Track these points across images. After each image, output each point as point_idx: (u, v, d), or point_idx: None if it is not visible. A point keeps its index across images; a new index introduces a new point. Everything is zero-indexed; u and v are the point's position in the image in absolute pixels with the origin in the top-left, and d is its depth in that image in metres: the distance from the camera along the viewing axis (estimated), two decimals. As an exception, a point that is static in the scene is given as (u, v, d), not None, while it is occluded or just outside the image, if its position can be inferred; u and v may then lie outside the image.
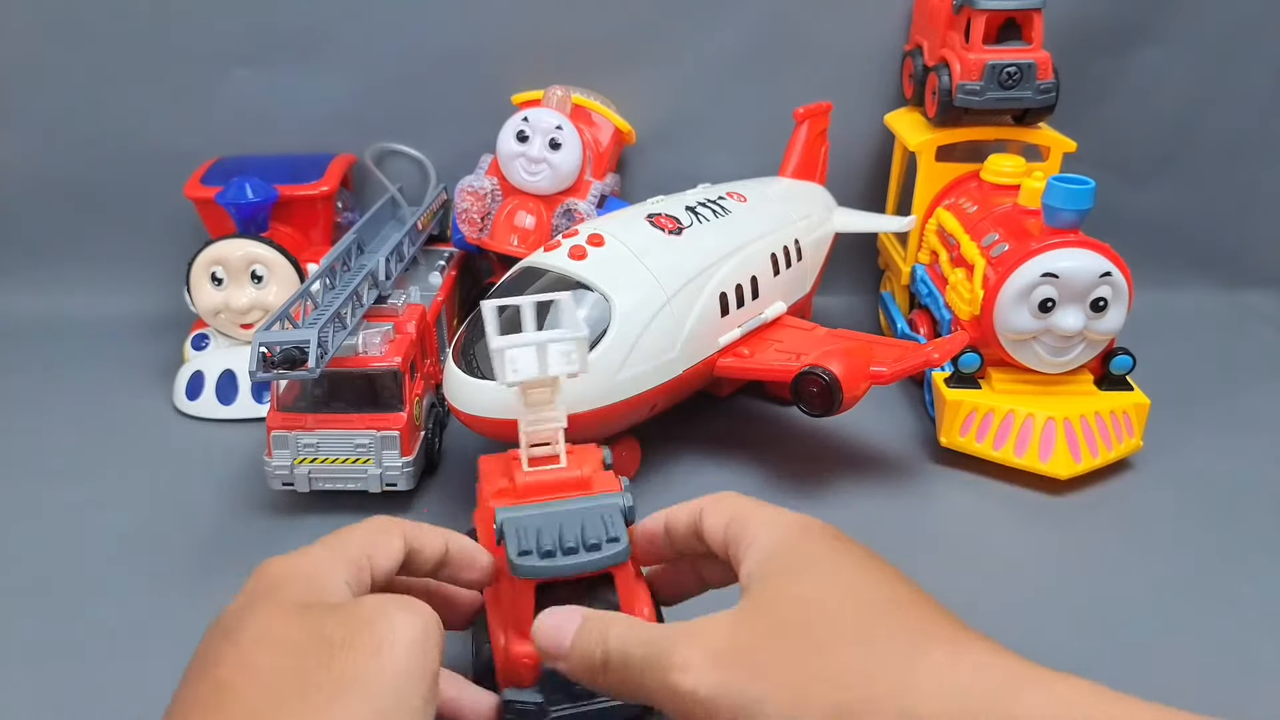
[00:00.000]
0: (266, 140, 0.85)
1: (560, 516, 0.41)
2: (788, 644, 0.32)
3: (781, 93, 0.83)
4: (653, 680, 0.34)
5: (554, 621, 0.37)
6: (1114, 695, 0.29)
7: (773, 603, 0.34)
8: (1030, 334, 0.64)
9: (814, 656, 0.32)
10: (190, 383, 0.74)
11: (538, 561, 0.39)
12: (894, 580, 0.35)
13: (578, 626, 0.37)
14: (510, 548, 0.40)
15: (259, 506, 0.62)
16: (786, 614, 0.33)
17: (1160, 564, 0.58)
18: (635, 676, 0.34)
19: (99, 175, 0.88)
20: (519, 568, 0.39)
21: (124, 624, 0.53)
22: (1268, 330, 0.88)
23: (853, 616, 0.33)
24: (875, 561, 0.36)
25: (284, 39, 0.84)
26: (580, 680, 0.37)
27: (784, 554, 0.36)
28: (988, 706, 0.30)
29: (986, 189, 0.74)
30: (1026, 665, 0.32)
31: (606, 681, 0.36)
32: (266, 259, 0.73)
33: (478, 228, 0.78)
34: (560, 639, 0.37)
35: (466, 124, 0.85)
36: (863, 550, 0.37)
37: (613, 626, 0.36)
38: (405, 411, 0.61)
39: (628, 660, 0.35)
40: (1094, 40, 0.85)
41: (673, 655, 0.33)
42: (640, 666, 0.34)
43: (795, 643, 0.32)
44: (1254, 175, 0.91)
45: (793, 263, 0.73)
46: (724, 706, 0.32)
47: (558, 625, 0.37)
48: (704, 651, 0.33)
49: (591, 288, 0.60)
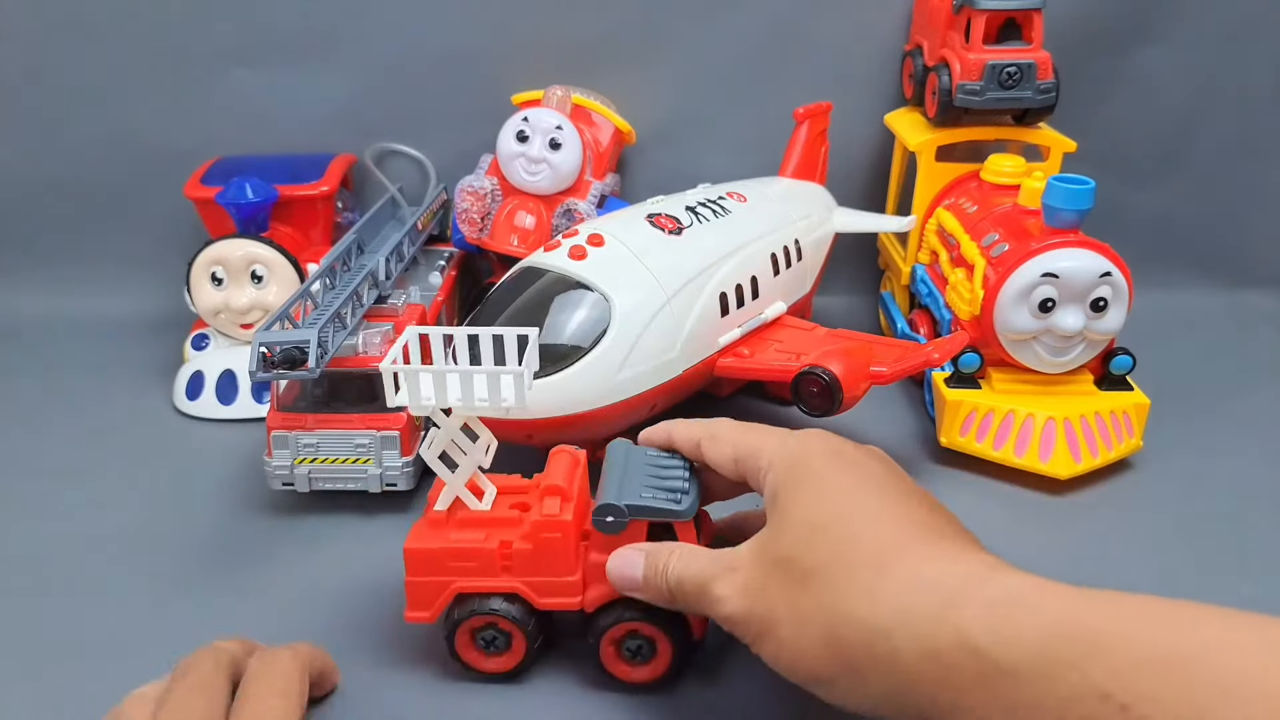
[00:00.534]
0: (266, 140, 0.85)
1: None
2: (788, 576, 0.38)
3: (781, 93, 0.83)
4: (703, 605, 0.41)
5: (623, 562, 0.45)
6: (1077, 590, 0.33)
7: (779, 534, 0.40)
8: (1030, 334, 0.64)
9: (805, 587, 0.38)
10: (190, 383, 0.74)
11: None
12: (884, 492, 0.40)
13: (644, 564, 0.44)
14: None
15: (259, 506, 0.62)
16: (787, 546, 0.39)
17: (1160, 564, 0.58)
18: (692, 602, 0.42)
19: (99, 175, 0.88)
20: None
21: (124, 624, 0.53)
22: (1268, 330, 0.88)
23: (835, 542, 0.38)
24: (870, 474, 0.41)
25: (284, 39, 0.84)
26: (656, 604, 0.44)
27: (788, 486, 0.41)
28: (949, 601, 0.34)
29: (986, 189, 0.74)
30: (997, 561, 0.36)
31: (674, 605, 0.43)
32: (266, 259, 0.73)
33: (478, 228, 0.78)
34: (633, 575, 0.44)
35: (466, 124, 0.85)
36: (861, 462, 0.42)
37: (671, 561, 0.43)
38: (405, 411, 0.61)
39: (685, 590, 0.42)
40: (1094, 40, 0.85)
41: (712, 589, 0.40)
42: (694, 594, 0.42)
43: (792, 574, 0.38)
44: (1254, 175, 0.91)
45: (793, 263, 0.73)
46: (752, 626, 0.39)
47: (630, 563, 0.44)
48: (732, 586, 0.40)
49: (591, 288, 0.60)
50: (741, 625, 0.40)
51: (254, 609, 0.54)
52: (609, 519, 0.45)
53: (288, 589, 0.56)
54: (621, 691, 0.48)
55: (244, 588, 0.56)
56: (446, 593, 0.47)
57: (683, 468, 0.48)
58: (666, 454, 0.49)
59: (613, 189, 0.81)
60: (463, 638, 0.48)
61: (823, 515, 0.39)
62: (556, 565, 0.46)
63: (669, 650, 0.47)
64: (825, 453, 0.42)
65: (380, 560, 0.58)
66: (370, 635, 0.52)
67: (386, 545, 0.59)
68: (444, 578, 0.46)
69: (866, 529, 0.38)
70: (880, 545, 0.37)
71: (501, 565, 0.46)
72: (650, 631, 0.46)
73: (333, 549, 0.59)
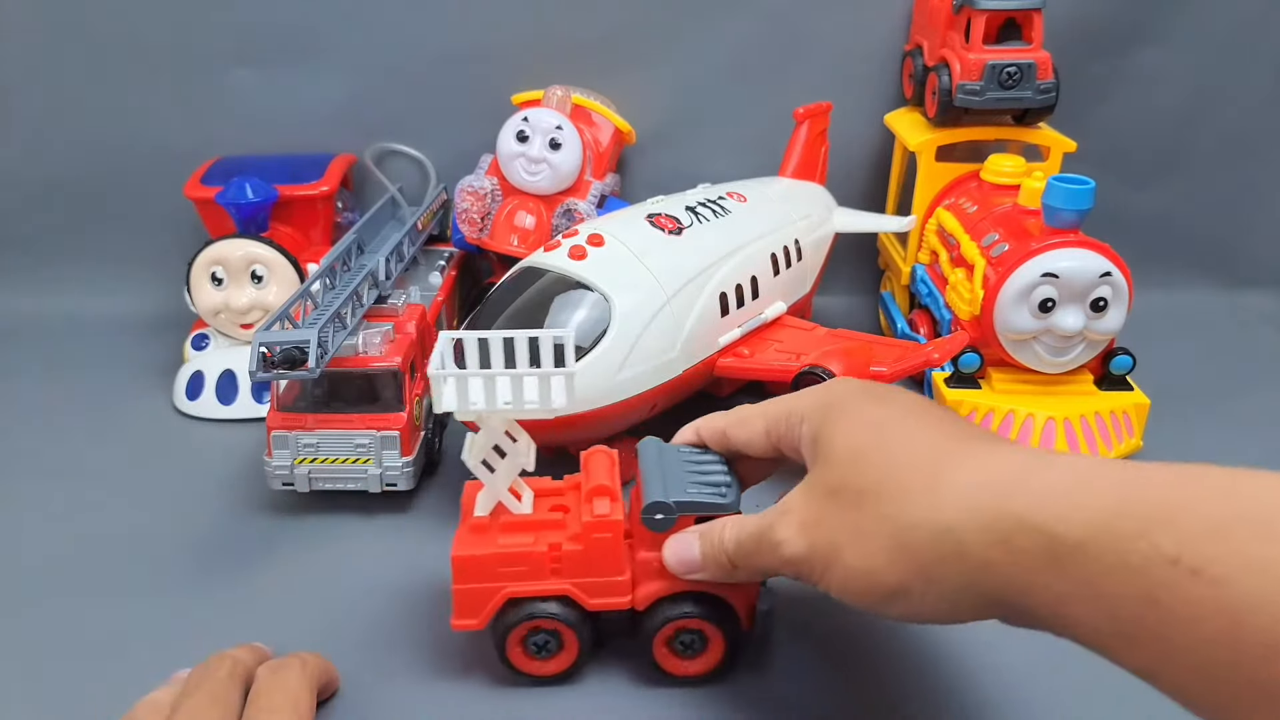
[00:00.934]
0: (266, 140, 0.85)
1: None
2: (843, 503, 0.39)
3: (781, 93, 0.83)
4: (766, 558, 0.42)
5: (679, 546, 0.46)
6: (1133, 465, 0.33)
7: (825, 469, 0.41)
8: (1030, 334, 0.64)
9: (861, 507, 0.38)
10: (190, 383, 0.74)
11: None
12: (922, 413, 0.41)
13: (699, 543, 0.45)
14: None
15: (259, 506, 0.62)
16: (837, 476, 0.40)
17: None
18: (755, 560, 0.43)
19: (99, 175, 0.88)
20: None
21: (124, 624, 0.53)
22: (1268, 330, 0.88)
23: (883, 460, 0.39)
24: (904, 402, 0.42)
25: (284, 39, 0.84)
26: (715, 579, 0.45)
27: (825, 426, 0.42)
28: (1007, 492, 0.34)
29: (986, 189, 0.74)
30: (1047, 450, 0.37)
31: (735, 574, 0.44)
32: (266, 259, 0.73)
33: (478, 228, 0.78)
34: (690, 558, 0.45)
35: (466, 124, 0.85)
36: (893, 394, 0.43)
37: (725, 531, 0.44)
38: (405, 411, 0.61)
39: (745, 548, 0.43)
40: (1094, 40, 0.85)
41: (774, 535, 0.41)
42: (754, 548, 0.42)
43: (846, 500, 0.39)
44: (1254, 175, 0.91)
45: (793, 263, 0.73)
46: (816, 561, 0.40)
47: (686, 545, 0.45)
48: (790, 527, 0.41)
49: (591, 288, 0.60)
50: (805, 563, 0.40)
51: (254, 609, 0.54)
52: (659, 516, 0.45)
53: (288, 589, 0.55)
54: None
55: (244, 588, 0.56)
56: (496, 598, 0.46)
57: (718, 461, 0.48)
58: (697, 450, 0.49)
59: (613, 189, 0.81)
60: (513, 643, 0.47)
61: (865, 440, 0.40)
62: (607, 565, 0.46)
63: (721, 642, 0.47)
64: (857, 391, 0.44)
65: (380, 560, 0.58)
66: (370, 636, 0.52)
67: (386, 545, 0.59)
68: (493, 584, 0.46)
69: (912, 442, 0.39)
70: (929, 453, 0.38)
71: (550, 568, 0.46)
72: (701, 625, 0.47)
73: (333, 549, 0.59)
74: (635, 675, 0.49)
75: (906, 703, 0.48)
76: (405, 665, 0.50)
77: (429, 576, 0.55)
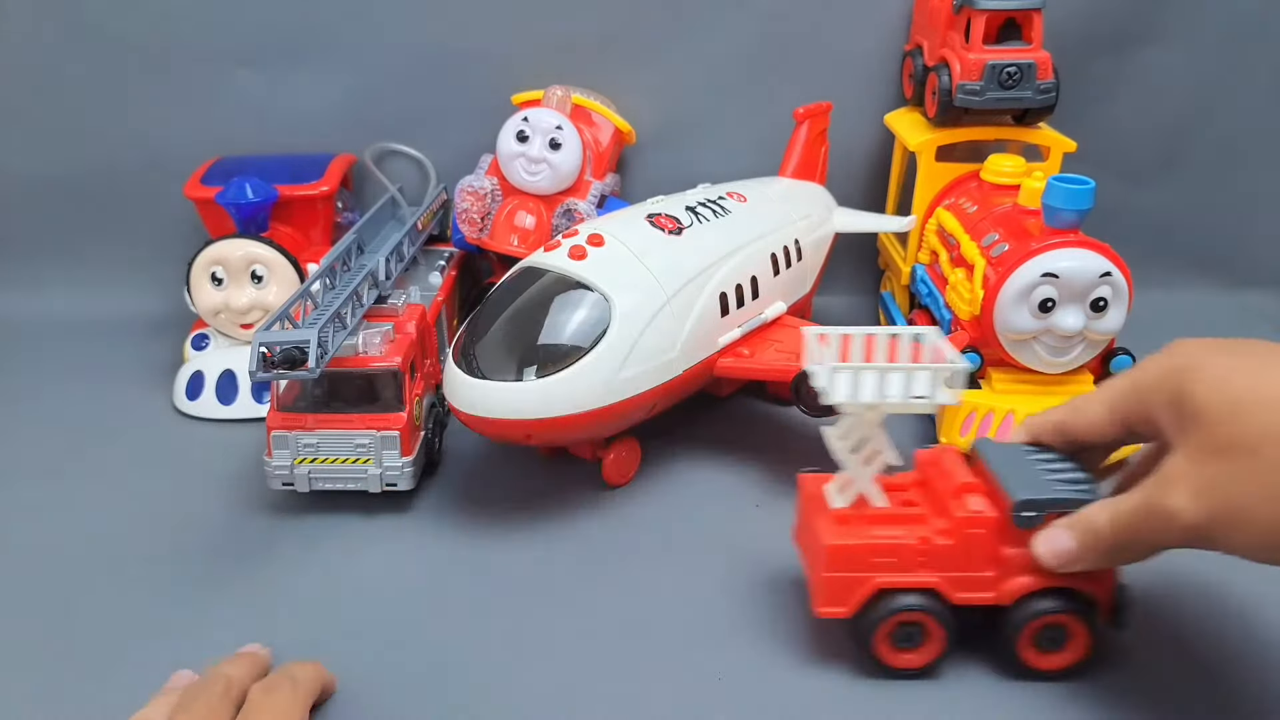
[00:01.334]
0: (266, 140, 0.86)
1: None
2: (1237, 458, 0.38)
3: (781, 93, 0.83)
4: (1158, 532, 0.41)
5: (1052, 539, 0.45)
6: None
7: (1205, 429, 0.39)
8: (1030, 334, 0.64)
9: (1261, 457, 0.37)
10: (190, 383, 0.74)
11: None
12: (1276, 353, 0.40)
13: (1071, 533, 0.44)
14: None
15: (259, 506, 0.62)
16: (1222, 433, 0.39)
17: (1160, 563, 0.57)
18: (1143, 536, 0.41)
19: (99, 175, 0.88)
20: None
21: (124, 624, 0.53)
22: (1268, 330, 0.88)
23: (1270, 405, 0.38)
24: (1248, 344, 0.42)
25: (284, 39, 0.84)
26: (1091, 567, 0.45)
27: (1185, 387, 0.41)
28: None
29: (986, 189, 0.74)
30: None
31: (1116, 557, 0.44)
32: (266, 259, 0.73)
33: (478, 228, 0.78)
34: (1065, 549, 0.44)
35: (466, 124, 0.85)
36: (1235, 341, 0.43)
37: (1097, 514, 0.43)
38: (405, 411, 0.61)
39: (1131, 529, 0.42)
40: (1094, 40, 0.85)
41: (1164, 506, 0.40)
42: (1143, 524, 0.41)
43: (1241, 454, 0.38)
44: (1254, 175, 0.91)
45: (793, 263, 0.73)
46: (1218, 525, 0.38)
47: (1059, 538, 0.45)
48: (1184, 495, 0.39)
49: (591, 288, 0.60)
50: (1205, 530, 0.39)
51: (254, 609, 0.54)
52: (1029, 514, 0.46)
53: (288, 589, 0.55)
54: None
55: (244, 587, 0.56)
56: (866, 588, 0.47)
57: (1063, 459, 0.48)
58: (1035, 449, 0.49)
59: (613, 189, 0.81)
60: (881, 636, 0.48)
61: (1237, 390, 0.39)
62: (977, 560, 0.47)
63: (1085, 636, 0.47)
64: (1204, 347, 0.43)
65: (380, 560, 0.58)
66: (370, 636, 0.52)
67: (386, 545, 0.59)
68: (864, 574, 0.47)
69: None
70: None
71: (919, 561, 0.47)
72: (1067, 620, 0.47)
73: (333, 549, 0.59)
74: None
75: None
76: (405, 665, 0.50)
77: (429, 576, 0.55)
